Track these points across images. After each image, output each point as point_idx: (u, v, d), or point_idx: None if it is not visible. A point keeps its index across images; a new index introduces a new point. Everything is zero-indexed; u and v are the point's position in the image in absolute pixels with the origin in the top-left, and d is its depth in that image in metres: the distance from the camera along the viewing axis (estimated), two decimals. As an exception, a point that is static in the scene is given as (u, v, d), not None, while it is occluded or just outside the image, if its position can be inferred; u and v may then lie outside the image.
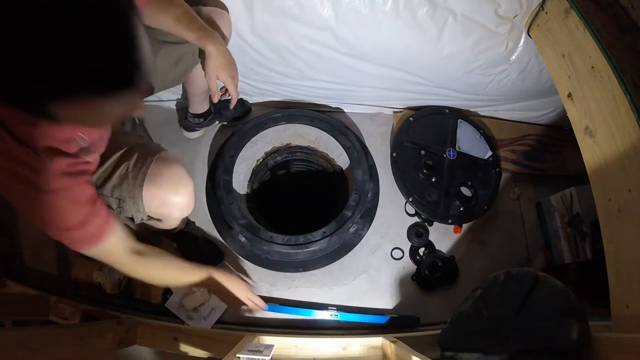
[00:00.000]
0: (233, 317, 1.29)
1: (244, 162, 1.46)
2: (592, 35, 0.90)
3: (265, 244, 1.27)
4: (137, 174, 0.84)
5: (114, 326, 1.01)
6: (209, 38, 0.90)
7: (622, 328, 0.76)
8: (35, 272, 1.33)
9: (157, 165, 0.85)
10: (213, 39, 0.91)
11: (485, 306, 0.93)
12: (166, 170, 0.86)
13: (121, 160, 0.85)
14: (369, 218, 1.43)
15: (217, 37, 0.92)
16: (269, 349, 0.78)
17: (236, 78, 0.98)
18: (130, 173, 0.84)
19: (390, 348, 0.93)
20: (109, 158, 0.85)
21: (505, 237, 1.47)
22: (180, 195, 0.87)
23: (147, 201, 0.85)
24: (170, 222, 1.08)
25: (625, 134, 0.80)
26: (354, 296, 1.34)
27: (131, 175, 0.84)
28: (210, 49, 0.91)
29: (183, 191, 0.88)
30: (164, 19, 0.89)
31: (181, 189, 0.87)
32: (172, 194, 0.86)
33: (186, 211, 0.91)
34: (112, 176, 0.85)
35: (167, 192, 0.86)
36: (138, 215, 0.89)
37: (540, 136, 1.60)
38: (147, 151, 0.87)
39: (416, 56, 1.22)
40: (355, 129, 1.56)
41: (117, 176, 0.84)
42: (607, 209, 0.83)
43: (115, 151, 0.85)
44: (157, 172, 0.85)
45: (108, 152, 0.85)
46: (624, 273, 0.78)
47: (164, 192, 0.86)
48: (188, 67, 1.07)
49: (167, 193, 0.86)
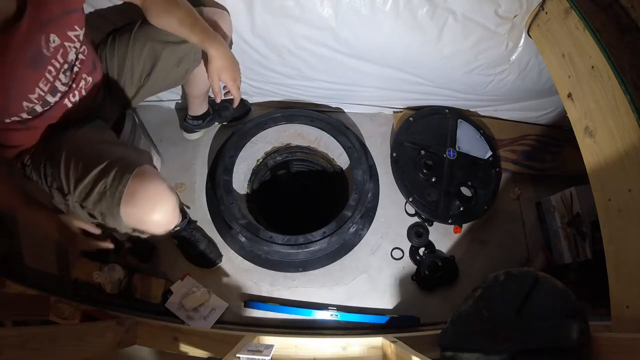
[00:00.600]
0: (233, 317, 1.29)
1: (244, 162, 1.46)
2: (592, 35, 0.90)
3: (265, 244, 1.27)
4: (114, 192, 0.83)
5: (114, 326, 1.01)
6: (211, 40, 0.91)
7: (622, 328, 0.76)
8: (35, 272, 1.33)
9: (134, 183, 0.83)
10: (216, 41, 0.91)
11: (485, 306, 0.93)
12: (142, 188, 0.84)
13: (100, 176, 0.84)
14: (369, 218, 1.43)
15: (219, 39, 0.92)
16: (269, 349, 0.78)
17: (239, 80, 0.99)
18: (108, 191, 0.83)
19: (390, 348, 0.93)
20: (90, 172, 0.84)
21: (505, 237, 1.47)
22: (158, 213, 0.85)
23: (125, 219, 0.85)
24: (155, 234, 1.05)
25: (625, 134, 0.80)
26: (354, 296, 1.35)
27: (109, 193, 0.83)
28: (213, 52, 0.91)
29: (160, 209, 0.86)
30: (167, 20, 0.89)
31: (158, 207, 0.85)
32: (148, 213, 0.85)
33: (166, 227, 0.90)
34: (92, 192, 0.84)
35: (143, 212, 0.85)
36: (120, 229, 0.89)
37: (540, 136, 1.60)
38: (126, 166, 0.85)
39: (416, 56, 1.22)
40: (355, 129, 1.56)
41: (97, 193, 0.84)
42: (607, 209, 0.83)
43: (95, 165, 0.85)
44: (134, 191, 0.83)
45: (88, 167, 0.85)
46: (624, 273, 0.78)
47: (140, 211, 0.84)
48: (189, 68, 1.07)
49: (144, 212, 0.85)
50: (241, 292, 1.33)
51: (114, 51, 1.01)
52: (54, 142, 0.91)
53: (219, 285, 1.33)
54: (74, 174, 0.86)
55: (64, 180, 0.87)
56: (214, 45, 0.91)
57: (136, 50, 1.00)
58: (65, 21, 0.78)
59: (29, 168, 0.94)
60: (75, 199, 0.87)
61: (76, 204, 0.88)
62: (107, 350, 0.97)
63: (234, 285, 1.34)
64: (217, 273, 1.35)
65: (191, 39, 0.91)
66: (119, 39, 1.01)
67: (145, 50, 1.00)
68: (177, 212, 0.92)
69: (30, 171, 0.95)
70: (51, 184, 0.90)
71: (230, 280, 1.34)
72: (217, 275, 1.34)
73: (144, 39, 1.00)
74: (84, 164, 0.86)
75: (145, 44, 1.00)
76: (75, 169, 0.86)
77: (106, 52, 1.02)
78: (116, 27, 1.05)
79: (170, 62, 1.02)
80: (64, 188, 0.88)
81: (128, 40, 1.00)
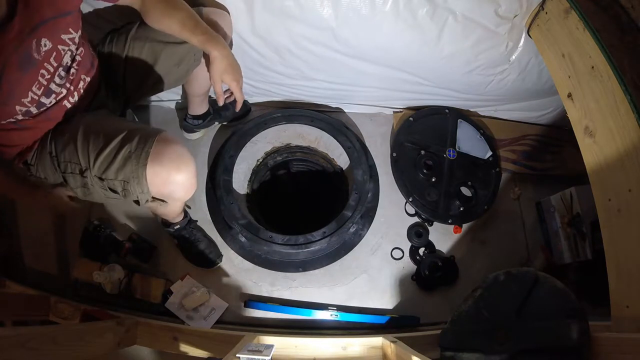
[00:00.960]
0: (233, 317, 1.29)
1: (244, 162, 1.46)
2: (592, 35, 0.90)
3: (265, 244, 1.27)
4: (140, 154, 0.85)
5: (114, 326, 1.01)
6: (213, 42, 0.90)
7: (622, 328, 0.76)
8: (35, 272, 1.33)
9: (159, 145, 0.87)
10: (217, 43, 0.91)
11: (485, 306, 0.93)
12: (168, 149, 0.87)
13: (123, 143, 0.86)
14: (369, 218, 1.43)
15: (221, 41, 0.92)
16: (269, 349, 0.78)
17: (241, 81, 0.99)
18: (134, 154, 0.85)
19: (390, 348, 0.93)
20: (111, 142, 0.86)
21: (505, 237, 1.47)
22: (183, 173, 0.88)
23: (150, 180, 0.86)
24: (174, 204, 1.09)
25: (625, 134, 0.80)
26: (354, 296, 1.35)
27: (134, 155, 0.85)
28: (215, 54, 0.91)
29: (185, 169, 0.89)
30: (169, 22, 0.89)
31: (183, 167, 0.88)
32: (175, 172, 0.87)
33: (189, 190, 0.93)
34: (116, 159, 0.86)
35: (170, 170, 0.87)
36: (143, 196, 0.90)
37: (540, 136, 1.60)
38: (148, 132, 0.88)
39: (416, 56, 1.22)
40: (355, 129, 1.56)
41: (121, 158, 0.86)
42: (607, 209, 0.83)
43: (116, 135, 0.87)
44: (160, 151, 0.86)
45: (108, 137, 0.87)
46: (624, 273, 0.78)
47: (167, 170, 0.87)
48: (190, 68, 1.07)
49: (170, 171, 0.87)
50: (241, 292, 1.33)
51: (114, 51, 1.01)
52: (64, 128, 0.92)
53: (219, 285, 1.33)
54: (93, 147, 0.87)
55: (82, 156, 0.88)
56: (217, 47, 0.90)
57: (136, 50, 1.00)
58: (58, 25, 0.78)
59: (35, 166, 0.95)
60: (95, 172, 0.88)
61: (95, 178, 0.89)
62: (107, 350, 0.97)
63: (234, 285, 1.34)
64: (217, 273, 1.35)
65: (192, 41, 0.91)
66: (118, 39, 1.01)
67: (144, 50, 1.00)
68: (196, 180, 0.94)
69: (36, 169, 0.95)
70: (65, 169, 0.91)
71: (230, 280, 1.34)
72: (217, 275, 1.34)
73: (143, 39, 1.00)
74: (104, 136, 0.88)
75: (144, 44, 1.00)
76: (95, 142, 0.87)
77: (105, 52, 1.02)
78: (115, 26, 1.05)
79: (170, 62, 1.03)
80: (82, 164, 0.88)
81: (127, 40, 1.00)
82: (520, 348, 0.82)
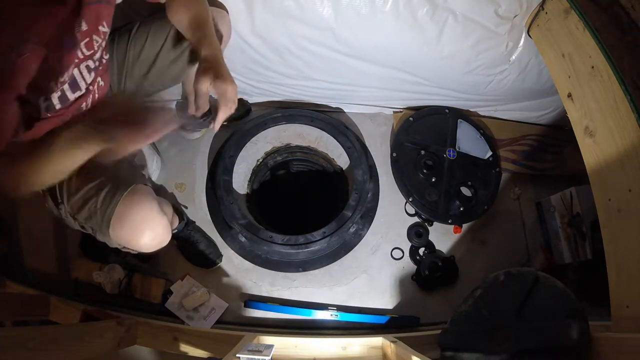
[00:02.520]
0: (233, 317, 1.29)
1: (244, 162, 1.46)
2: (592, 35, 0.90)
3: (265, 244, 1.27)
4: (103, 213, 0.84)
5: (114, 326, 1.01)
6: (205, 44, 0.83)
7: (622, 328, 0.76)
8: (35, 272, 1.34)
9: (124, 206, 0.84)
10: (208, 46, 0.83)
11: (485, 306, 0.93)
12: (132, 212, 0.85)
13: (92, 194, 0.85)
14: (369, 218, 1.43)
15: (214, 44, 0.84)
16: (269, 349, 0.78)
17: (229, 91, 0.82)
18: (99, 210, 0.84)
19: (390, 348, 0.93)
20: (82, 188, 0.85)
21: (505, 237, 1.47)
22: (146, 236, 0.87)
23: (114, 238, 0.86)
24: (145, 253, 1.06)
25: (625, 134, 0.80)
26: (354, 296, 1.35)
27: (99, 213, 0.84)
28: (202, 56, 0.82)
29: (149, 233, 0.87)
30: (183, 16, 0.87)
31: (147, 232, 0.86)
32: (136, 237, 0.86)
33: (155, 248, 0.91)
34: (84, 208, 0.85)
35: (131, 235, 0.86)
36: (111, 245, 0.90)
37: (540, 136, 1.60)
38: (117, 186, 0.85)
39: (416, 56, 1.22)
40: (355, 129, 1.56)
41: (87, 210, 0.85)
42: (607, 209, 0.83)
43: (93, 179, 0.85)
44: (122, 214, 0.84)
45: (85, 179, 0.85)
46: (624, 273, 0.78)
47: (128, 233, 0.86)
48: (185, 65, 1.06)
49: (131, 235, 0.86)
50: (241, 292, 1.33)
51: (115, 52, 1.01)
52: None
53: (219, 285, 1.33)
54: (67, 186, 0.86)
55: (57, 190, 0.87)
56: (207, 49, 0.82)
57: (136, 50, 1.01)
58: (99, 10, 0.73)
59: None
60: (68, 209, 0.88)
61: (68, 214, 0.89)
62: (107, 350, 0.97)
63: (234, 285, 1.34)
64: (217, 273, 1.35)
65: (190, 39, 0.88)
66: (119, 40, 1.01)
67: (144, 50, 1.00)
68: (168, 232, 0.93)
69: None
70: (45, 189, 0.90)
71: (230, 280, 1.34)
72: (217, 275, 1.34)
73: (143, 39, 1.00)
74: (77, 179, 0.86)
75: (144, 44, 1.00)
76: (68, 181, 0.85)
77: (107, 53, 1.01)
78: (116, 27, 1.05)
79: (168, 59, 1.02)
80: (58, 197, 0.88)
81: (128, 41, 1.00)
82: (520, 348, 0.82)
